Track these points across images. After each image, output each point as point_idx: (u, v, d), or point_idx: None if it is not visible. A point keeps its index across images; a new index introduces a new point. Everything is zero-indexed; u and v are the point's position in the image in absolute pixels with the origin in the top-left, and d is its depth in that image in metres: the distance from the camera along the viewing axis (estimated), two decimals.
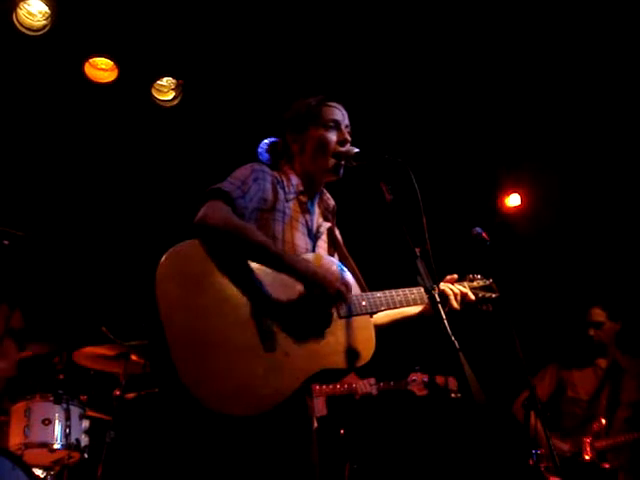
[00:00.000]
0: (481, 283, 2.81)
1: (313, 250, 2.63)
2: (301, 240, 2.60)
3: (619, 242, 6.03)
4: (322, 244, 2.72)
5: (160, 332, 2.19)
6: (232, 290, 2.32)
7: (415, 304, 2.64)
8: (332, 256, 2.70)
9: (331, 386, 4.75)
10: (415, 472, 5.96)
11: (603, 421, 4.76)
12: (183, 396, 2.14)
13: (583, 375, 5.04)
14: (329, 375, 2.43)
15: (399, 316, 2.73)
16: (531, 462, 4.63)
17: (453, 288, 2.67)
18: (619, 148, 5.88)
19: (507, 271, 2.96)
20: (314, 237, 2.68)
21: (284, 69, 5.48)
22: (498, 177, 6.62)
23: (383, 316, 2.71)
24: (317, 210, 2.77)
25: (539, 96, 5.75)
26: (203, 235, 2.35)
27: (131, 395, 4.68)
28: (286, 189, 2.63)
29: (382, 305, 2.57)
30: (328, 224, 2.79)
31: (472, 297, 2.71)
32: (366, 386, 4.73)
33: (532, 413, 4.38)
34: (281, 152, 2.76)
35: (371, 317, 2.61)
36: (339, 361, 2.41)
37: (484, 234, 2.90)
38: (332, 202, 2.84)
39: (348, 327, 2.46)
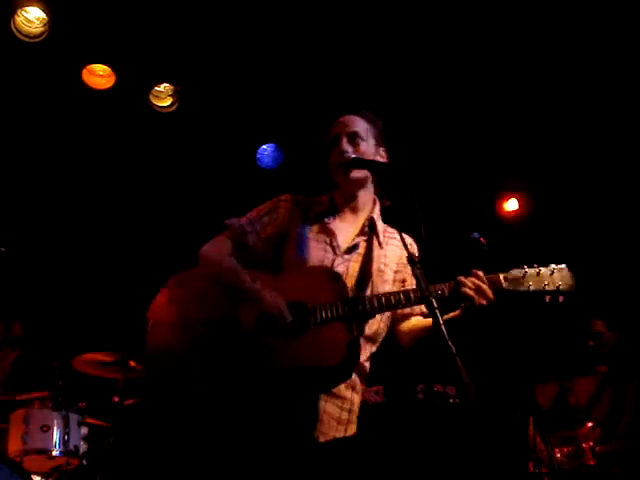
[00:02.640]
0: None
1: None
2: (317, 260, 2.57)
3: (617, 248, 6.03)
4: (350, 264, 2.61)
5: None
6: (216, 307, 2.50)
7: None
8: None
9: None
10: (413, 477, 5.95)
11: (589, 424, 4.75)
12: (162, 400, 2.19)
13: (584, 382, 5.04)
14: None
15: (424, 334, 2.64)
16: (531, 467, 4.63)
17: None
18: (618, 156, 5.88)
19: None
20: (336, 255, 2.61)
21: (281, 75, 5.49)
22: (497, 182, 6.62)
23: (410, 337, 2.69)
24: (349, 229, 2.69)
25: (539, 103, 5.75)
26: (199, 263, 2.59)
27: (130, 401, 4.67)
28: (309, 214, 2.68)
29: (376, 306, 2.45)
30: (361, 239, 2.68)
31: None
32: (372, 394, 4.68)
33: (531, 419, 4.39)
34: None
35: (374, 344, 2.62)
36: (299, 363, 2.36)
37: (482, 239, 2.90)
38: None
39: (318, 334, 2.38)
